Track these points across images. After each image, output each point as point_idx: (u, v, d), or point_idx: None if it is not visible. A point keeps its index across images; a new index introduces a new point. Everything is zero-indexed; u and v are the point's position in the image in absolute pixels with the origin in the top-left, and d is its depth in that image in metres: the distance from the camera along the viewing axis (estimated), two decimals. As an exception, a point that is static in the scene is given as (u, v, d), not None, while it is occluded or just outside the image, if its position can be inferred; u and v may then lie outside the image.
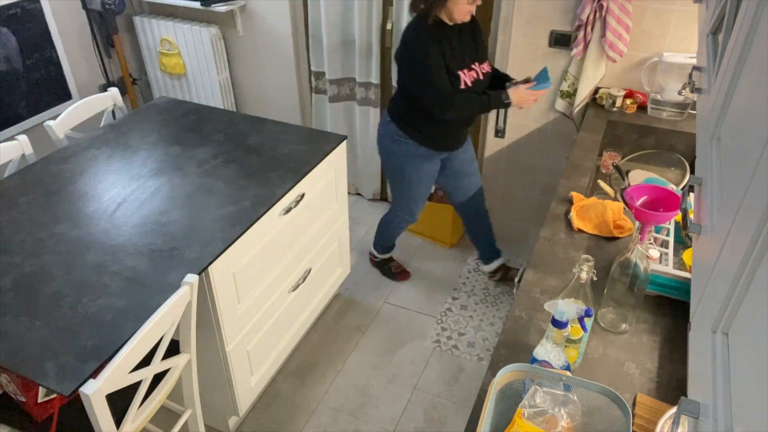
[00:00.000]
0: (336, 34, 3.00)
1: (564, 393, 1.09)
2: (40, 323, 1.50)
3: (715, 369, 0.61)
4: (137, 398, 1.55)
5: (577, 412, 1.08)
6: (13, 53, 2.89)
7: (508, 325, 1.46)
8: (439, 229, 3.12)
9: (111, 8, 3.08)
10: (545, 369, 1.16)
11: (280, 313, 2.21)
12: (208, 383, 2.03)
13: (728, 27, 1.03)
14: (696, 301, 0.81)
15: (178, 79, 3.49)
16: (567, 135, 2.73)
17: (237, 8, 3.13)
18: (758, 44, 0.75)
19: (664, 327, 1.46)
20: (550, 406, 1.07)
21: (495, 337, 2.63)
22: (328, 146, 2.26)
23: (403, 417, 2.28)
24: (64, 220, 1.87)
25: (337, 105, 3.24)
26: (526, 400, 1.09)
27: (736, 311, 0.61)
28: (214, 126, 2.40)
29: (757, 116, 0.66)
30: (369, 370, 2.48)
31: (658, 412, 1.22)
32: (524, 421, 1.07)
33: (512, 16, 2.54)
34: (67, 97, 3.20)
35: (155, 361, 1.56)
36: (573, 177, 2.03)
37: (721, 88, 0.95)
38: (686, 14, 2.28)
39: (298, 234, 2.20)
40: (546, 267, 1.64)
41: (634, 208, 1.42)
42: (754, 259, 0.57)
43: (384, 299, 2.83)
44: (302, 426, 2.26)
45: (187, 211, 1.90)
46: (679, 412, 0.65)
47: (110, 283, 1.63)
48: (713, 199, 0.83)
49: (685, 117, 2.33)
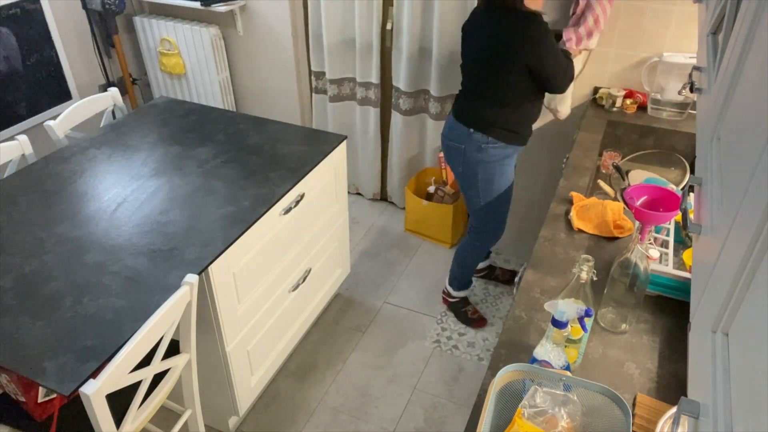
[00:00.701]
0: (336, 33, 3.00)
1: (564, 393, 1.09)
2: (40, 323, 1.50)
3: (715, 369, 0.61)
4: (137, 398, 1.55)
5: (576, 412, 1.08)
6: (13, 53, 2.89)
7: (508, 325, 1.46)
8: (439, 229, 3.13)
9: (111, 8, 3.08)
10: (545, 369, 1.16)
11: (280, 313, 2.21)
12: (208, 383, 2.04)
13: (728, 27, 1.03)
14: (696, 301, 0.81)
15: (178, 79, 3.49)
16: (567, 135, 2.73)
17: (237, 8, 3.13)
18: (758, 44, 0.75)
19: (664, 327, 1.46)
20: (550, 406, 1.07)
21: (495, 337, 2.63)
22: (328, 146, 2.26)
23: (403, 417, 2.28)
24: (64, 220, 1.87)
25: (337, 105, 3.24)
26: (526, 400, 1.09)
27: (736, 311, 0.61)
28: (214, 126, 2.40)
29: (757, 116, 0.66)
30: (369, 370, 2.48)
31: (658, 412, 1.22)
32: (524, 421, 1.07)
33: (512, 16, 2.54)
34: (67, 97, 3.20)
35: (155, 361, 1.56)
36: (573, 177, 2.03)
37: (721, 88, 0.95)
38: (686, 14, 2.28)
39: (298, 234, 2.20)
40: (546, 267, 1.64)
41: (634, 208, 1.42)
42: (754, 259, 0.57)
43: (384, 299, 2.83)
44: (302, 426, 2.26)
45: (187, 211, 1.90)
46: (679, 412, 0.65)
47: (110, 283, 1.63)
48: (713, 199, 0.83)
49: (685, 117, 2.33)
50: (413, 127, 3.10)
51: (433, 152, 3.15)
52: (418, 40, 2.83)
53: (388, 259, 3.08)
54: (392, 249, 3.15)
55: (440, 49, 2.77)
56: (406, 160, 3.23)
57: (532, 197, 3.02)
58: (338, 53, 3.07)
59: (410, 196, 3.13)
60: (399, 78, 2.97)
